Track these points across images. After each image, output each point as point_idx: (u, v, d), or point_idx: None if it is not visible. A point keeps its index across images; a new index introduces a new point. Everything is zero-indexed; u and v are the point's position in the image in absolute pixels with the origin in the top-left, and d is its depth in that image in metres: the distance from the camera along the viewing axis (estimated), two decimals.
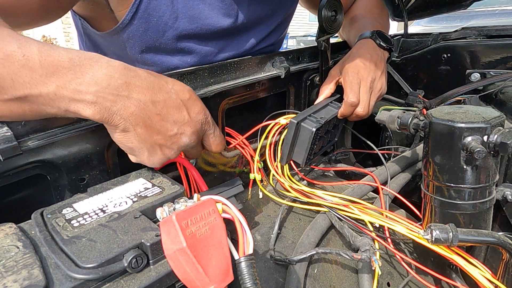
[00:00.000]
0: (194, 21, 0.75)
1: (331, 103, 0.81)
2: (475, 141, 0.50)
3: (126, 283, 0.36)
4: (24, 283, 0.33)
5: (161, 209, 0.42)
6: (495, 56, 0.98)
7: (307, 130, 0.70)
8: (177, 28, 0.74)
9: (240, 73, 0.73)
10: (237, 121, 0.83)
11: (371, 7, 1.04)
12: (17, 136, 0.46)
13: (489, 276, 0.51)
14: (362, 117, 0.81)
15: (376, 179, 0.71)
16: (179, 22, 0.74)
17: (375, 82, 0.81)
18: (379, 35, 0.88)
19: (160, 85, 0.50)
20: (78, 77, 0.43)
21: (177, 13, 0.73)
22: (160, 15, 0.72)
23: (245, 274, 0.39)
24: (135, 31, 0.73)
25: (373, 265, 0.54)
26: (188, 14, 0.74)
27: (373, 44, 0.87)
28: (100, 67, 0.45)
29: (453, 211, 0.56)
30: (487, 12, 2.89)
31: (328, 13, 0.77)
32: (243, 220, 0.42)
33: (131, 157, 0.52)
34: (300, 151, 0.72)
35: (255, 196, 0.74)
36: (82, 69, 0.44)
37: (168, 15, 0.72)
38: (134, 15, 0.71)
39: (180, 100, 0.51)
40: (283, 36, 0.99)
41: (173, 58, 0.79)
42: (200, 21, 0.75)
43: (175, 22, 0.73)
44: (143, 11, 0.71)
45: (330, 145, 0.87)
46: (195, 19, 0.75)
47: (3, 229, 0.40)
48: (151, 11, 0.71)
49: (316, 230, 0.63)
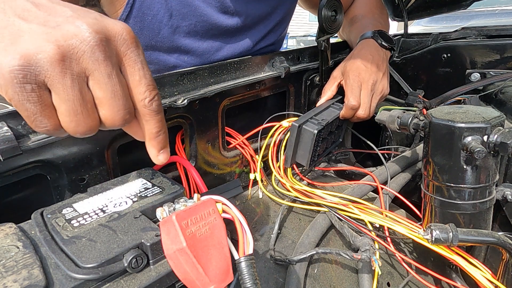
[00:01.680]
0: (189, 18, 0.75)
1: (333, 105, 0.82)
2: (475, 141, 0.50)
3: (126, 283, 0.36)
4: (24, 283, 0.33)
5: (161, 209, 0.42)
6: (495, 56, 0.98)
7: (309, 132, 0.71)
8: (172, 26, 0.74)
9: (240, 73, 0.73)
10: (237, 121, 0.83)
11: (371, 7, 1.04)
12: (17, 136, 0.46)
13: (489, 276, 0.51)
14: (363, 119, 0.81)
15: (376, 179, 0.71)
16: (173, 19, 0.74)
17: (377, 85, 0.81)
18: (381, 35, 0.88)
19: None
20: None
21: (171, 10, 0.73)
22: (154, 13, 0.72)
23: (245, 274, 0.39)
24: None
25: (373, 265, 0.54)
26: (182, 11, 0.74)
27: (374, 44, 0.87)
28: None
29: (453, 211, 0.56)
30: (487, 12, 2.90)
31: (328, 13, 0.77)
32: (243, 220, 0.42)
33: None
34: (304, 153, 0.73)
35: (255, 196, 0.74)
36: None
37: (163, 13, 0.72)
38: (129, 15, 0.71)
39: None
40: (283, 36, 0.99)
41: (170, 57, 0.79)
42: (194, 18, 0.75)
43: (170, 19, 0.73)
44: (137, 10, 0.71)
45: (334, 146, 0.87)
46: (189, 16, 0.75)
47: (3, 229, 0.40)
48: (145, 10, 0.71)
49: (316, 230, 0.63)
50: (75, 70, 0.31)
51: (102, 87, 0.32)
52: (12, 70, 0.29)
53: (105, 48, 0.32)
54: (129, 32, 0.34)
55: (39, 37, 0.30)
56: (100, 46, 0.31)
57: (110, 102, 0.33)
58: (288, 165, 0.74)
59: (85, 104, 0.32)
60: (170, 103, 0.59)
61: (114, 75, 0.32)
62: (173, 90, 0.62)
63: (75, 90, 0.31)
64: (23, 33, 0.30)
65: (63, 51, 0.30)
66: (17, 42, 0.30)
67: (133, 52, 0.34)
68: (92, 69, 0.31)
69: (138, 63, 0.34)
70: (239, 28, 0.82)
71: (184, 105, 0.60)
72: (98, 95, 0.32)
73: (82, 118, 0.32)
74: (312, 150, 0.72)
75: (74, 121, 0.32)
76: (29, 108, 0.30)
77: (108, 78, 0.32)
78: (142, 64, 0.35)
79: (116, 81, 0.32)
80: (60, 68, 0.30)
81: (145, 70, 0.35)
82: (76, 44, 0.30)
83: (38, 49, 0.29)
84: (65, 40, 0.30)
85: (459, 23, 2.44)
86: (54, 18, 0.31)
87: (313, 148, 0.72)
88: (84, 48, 0.31)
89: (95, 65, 0.31)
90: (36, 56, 0.29)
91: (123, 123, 0.34)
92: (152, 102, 0.35)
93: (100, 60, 0.31)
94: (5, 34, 0.30)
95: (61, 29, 0.30)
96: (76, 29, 0.31)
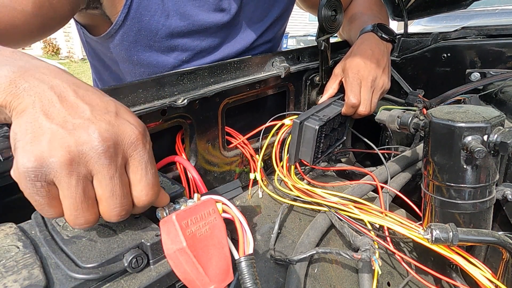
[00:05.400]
0: (186, 18, 0.75)
1: (334, 102, 0.82)
2: (475, 140, 0.50)
3: (126, 283, 0.36)
4: (24, 283, 0.33)
5: (161, 209, 0.42)
6: (495, 56, 0.98)
7: (311, 128, 0.71)
8: (169, 26, 0.74)
9: (240, 73, 0.73)
10: (237, 120, 0.83)
11: (370, 4, 1.04)
12: None
13: (489, 275, 0.51)
14: (365, 115, 0.81)
15: (376, 178, 0.71)
16: (170, 20, 0.74)
17: (377, 81, 0.81)
18: (381, 28, 0.87)
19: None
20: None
21: (168, 11, 0.73)
22: (151, 14, 0.72)
23: (245, 274, 0.39)
24: (128, 32, 0.73)
25: (373, 264, 0.54)
26: (179, 12, 0.74)
27: (375, 37, 0.86)
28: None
29: (453, 211, 0.56)
30: (487, 11, 2.90)
31: (328, 12, 0.77)
32: (243, 220, 0.42)
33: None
34: (307, 150, 0.74)
35: (255, 196, 0.74)
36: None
37: (160, 13, 0.72)
38: (126, 16, 0.71)
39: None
40: (281, 33, 0.99)
41: (169, 57, 0.79)
42: (191, 18, 0.75)
43: (167, 20, 0.74)
44: (134, 11, 0.71)
45: (339, 143, 0.87)
46: (186, 16, 0.75)
47: (3, 229, 0.40)
48: (142, 11, 0.71)
49: (316, 230, 0.63)
50: (81, 172, 0.34)
51: (102, 187, 0.35)
52: (26, 170, 0.33)
53: (111, 154, 0.35)
54: (138, 134, 0.37)
55: (55, 141, 0.33)
56: (107, 153, 0.35)
57: (108, 200, 0.36)
58: (292, 163, 0.75)
59: (86, 201, 0.35)
60: (170, 103, 0.59)
61: (116, 177, 0.36)
62: (173, 90, 0.62)
63: (78, 189, 0.34)
64: (43, 132, 0.34)
65: (73, 156, 0.34)
66: (35, 142, 0.33)
67: (139, 153, 0.37)
68: (96, 172, 0.35)
69: (142, 163, 0.37)
70: (236, 25, 0.82)
71: (184, 105, 0.60)
72: (98, 193, 0.36)
73: (81, 213, 0.36)
74: (315, 146, 0.72)
75: (74, 215, 0.36)
76: (37, 200, 0.34)
77: (109, 180, 0.35)
78: (145, 164, 0.38)
79: (116, 182, 0.36)
80: (68, 170, 0.33)
81: (147, 169, 0.38)
82: (85, 150, 0.34)
83: (51, 153, 0.33)
84: (76, 146, 0.34)
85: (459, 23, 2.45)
86: (73, 119, 0.35)
87: (316, 144, 0.73)
88: (92, 154, 0.34)
89: (99, 168, 0.35)
90: (48, 159, 0.33)
91: (118, 219, 0.37)
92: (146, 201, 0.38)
93: (105, 164, 0.35)
94: (28, 129, 0.34)
95: (75, 135, 0.34)
96: (88, 137, 0.34)
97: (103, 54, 0.84)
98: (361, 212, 0.62)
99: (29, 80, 0.36)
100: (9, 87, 0.35)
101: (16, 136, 0.34)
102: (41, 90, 0.35)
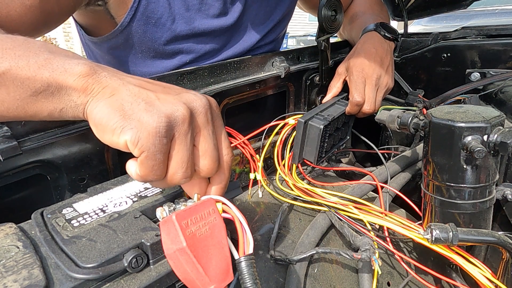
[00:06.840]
0: (191, 22, 0.75)
1: (338, 101, 0.82)
2: (475, 140, 0.50)
3: (126, 283, 0.36)
4: (24, 283, 0.33)
5: (161, 209, 0.42)
6: (495, 56, 0.98)
7: (315, 128, 0.71)
8: (174, 30, 0.74)
9: (240, 73, 0.73)
10: (237, 120, 0.83)
11: (371, 4, 1.04)
12: (17, 136, 0.46)
13: (489, 275, 0.51)
14: (369, 114, 0.81)
15: (375, 178, 0.71)
16: (176, 23, 0.74)
17: (381, 79, 0.81)
18: (383, 27, 0.87)
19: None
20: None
21: (174, 15, 0.73)
22: (158, 17, 0.72)
23: (245, 274, 0.39)
24: (133, 33, 0.73)
25: (373, 264, 0.54)
26: (185, 16, 0.74)
27: (378, 36, 0.86)
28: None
29: (453, 211, 0.56)
30: (487, 11, 2.90)
31: (328, 12, 0.77)
32: (243, 220, 0.42)
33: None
34: (311, 150, 0.74)
35: (255, 196, 0.74)
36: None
37: (166, 17, 0.72)
38: (133, 17, 0.71)
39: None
40: (283, 35, 0.99)
41: (172, 60, 0.79)
42: (196, 22, 0.75)
43: (173, 24, 0.74)
44: (141, 13, 0.71)
45: (342, 143, 0.87)
46: (191, 20, 0.75)
47: (3, 229, 0.40)
48: (149, 13, 0.71)
49: (316, 230, 0.63)
50: (194, 126, 0.38)
51: (208, 142, 0.39)
52: (158, 126, 0.35)
53: (210, 113, 0.40)
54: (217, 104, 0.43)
55: (171, 101, 0.37)
56: (208, 110, 0.40)
57: (212, 153, 0.40)
58: (296, 162, 0.74)
59: (192, 154, 0.39)
60: None
61: (213, 134, 0.40)
62: None
63: (191, 143, 0.38)
64: (155, 98, 0.37)
65: (191, 110, 0.37)
66: (154, 105, 0.36)
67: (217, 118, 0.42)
68: (203, 127, 0.39)
69: (222, 127, 0.43)
70: (239, 28, 0.82)
71: None
72: (203, 148, 0.39)
73: (189, 166, 0.38)
74: (319, 146, 0.72)
75: (184, 168, 0.38)
76: (158, 158, 0.36)
77: (212, 135, 0.40)
78: (223, 128, 0.43)
79: (214, 137, 0.41)
80: (188, 124, 0.37)
81: (225, 133, 0.43)
82: (197, 106, 0.38)
83: (174, 109, 0.36)
84: (189, 102, 0.38)
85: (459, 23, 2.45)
86: (171, 89, 0.39)
87: (320, 144, 0.73)
88: (202, 110, 0.39)
89: (205, 124, 0.39)
90: (174, 114, 0.36)
91: (215, 172, 0.41)
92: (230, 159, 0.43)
93: (209, 120, 0.40)
94: (139, 100, 0.36)
95: (183, 96, 0.38)
96: (195, 96, 0.39)
97: (100, 56, 0.84)
98: (361, 212, 0.62)
99: (106, 70, 0.39)
100: (91, 72, 0.38)
101: (124, 107, 0.35)
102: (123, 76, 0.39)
